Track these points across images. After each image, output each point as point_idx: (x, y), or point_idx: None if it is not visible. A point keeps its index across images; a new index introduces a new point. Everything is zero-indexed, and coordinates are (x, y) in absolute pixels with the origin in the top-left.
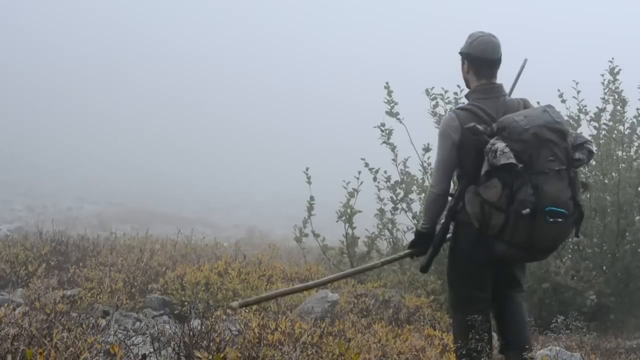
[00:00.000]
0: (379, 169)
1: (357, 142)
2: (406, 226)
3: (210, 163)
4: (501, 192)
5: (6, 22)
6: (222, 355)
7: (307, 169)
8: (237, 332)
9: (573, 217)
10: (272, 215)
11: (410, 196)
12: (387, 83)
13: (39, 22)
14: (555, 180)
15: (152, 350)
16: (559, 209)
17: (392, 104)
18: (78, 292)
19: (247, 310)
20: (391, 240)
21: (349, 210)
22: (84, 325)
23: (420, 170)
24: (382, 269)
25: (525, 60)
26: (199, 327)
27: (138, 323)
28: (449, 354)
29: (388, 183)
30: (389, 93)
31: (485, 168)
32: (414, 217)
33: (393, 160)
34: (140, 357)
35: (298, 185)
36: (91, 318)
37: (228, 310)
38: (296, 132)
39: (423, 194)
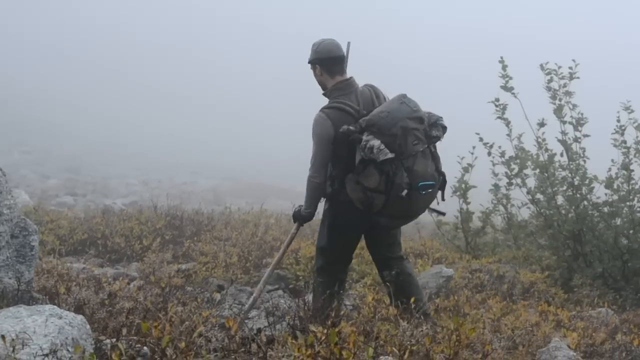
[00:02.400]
0: (493, 143)
1: (471, 116)
2: (521, 201)
3: None
4: (379, 179)
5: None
6: (337, 330)
7: None
8: (352, 307)
9: (438, 184)
10: None
11: (525, 171)
12: (501, 57)
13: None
14: (422, 160)
15: (266, 324)
16: (428, 182)
17: (506, 79)
18: (193, 266)
19: (362, 285)
20: (506, 215)
21: (463, 185)
22: (198, 299)
23: (534, 145)
24: (496, 245)
25: (349, 43)
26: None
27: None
28: (564, 330)
29: (502, 158)
30: (504, 67)
31: (358, 157)
32: (528, 193)
33: (507, 135)
34: (255, 332)
35: None
36: (206, 292)
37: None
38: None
39: (538, 170)
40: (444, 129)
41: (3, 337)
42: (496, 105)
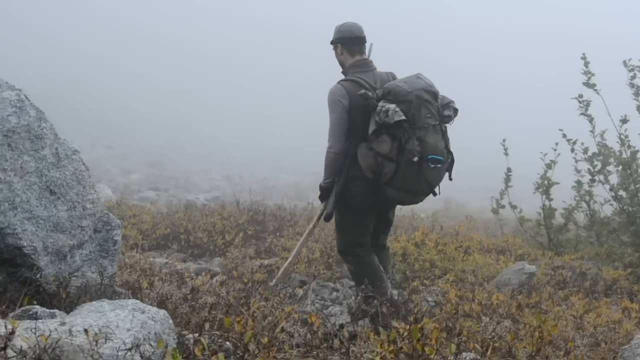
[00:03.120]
0: (576, 140)
1: (554, 113)
2: (603, 198)
3: None
4: (391, 145)
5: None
6: (419, 327)
7: (504, 140)
8: (434, 303)
9: (447, 163)
10: (468, 187)
11: (608, 168)
12: (583, 54)
13: None
14: (433, 133)
15: (349, 320)
16: (438, 157)
17: (589, 75)
18: (275, 261)
19: (444, 282)
20: (588, 212)
21: (546, 182)
22: (281, 295)
23: (617, 142)
24: (579, 241)
25: (371, 45)
26: (397, 298)
27: (335, 293)
28: None
29: (585, 155)
30: (586, 64)
31: (372, 127)
32: (611, 189)
33: (590, 131)
34: (337, 327)
35: (495, 157)
36: (288, 288)
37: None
38: (492, 106)
39: (620, 167)
40: (455, 110)
41: (86, 331)
42: (579, 102)
